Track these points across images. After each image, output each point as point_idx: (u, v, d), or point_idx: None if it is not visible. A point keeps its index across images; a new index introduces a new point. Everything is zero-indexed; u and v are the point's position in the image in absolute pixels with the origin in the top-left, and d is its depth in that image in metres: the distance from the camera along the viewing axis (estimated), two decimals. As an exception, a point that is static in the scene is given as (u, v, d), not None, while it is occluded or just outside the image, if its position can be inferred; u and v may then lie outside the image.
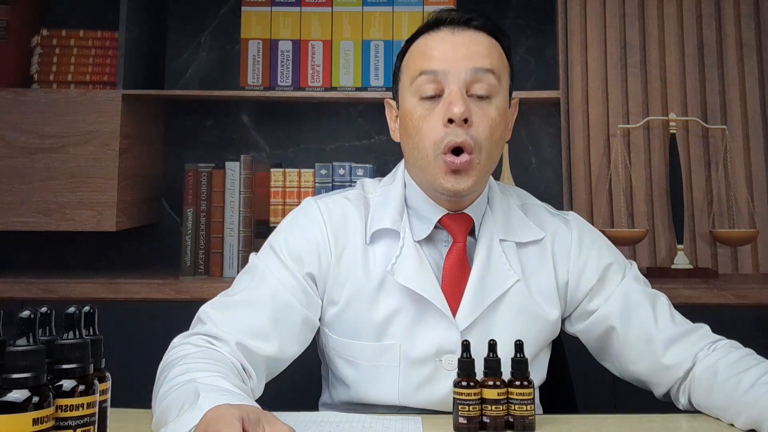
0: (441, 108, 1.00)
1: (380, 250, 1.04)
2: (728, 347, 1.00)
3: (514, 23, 2.17)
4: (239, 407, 0.74)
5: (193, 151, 2.14)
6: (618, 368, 1.08)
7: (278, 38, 2.01)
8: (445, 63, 1.00)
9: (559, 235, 1.09)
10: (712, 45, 2.01)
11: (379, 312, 1.02)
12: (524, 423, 0.87)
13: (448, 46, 1.01)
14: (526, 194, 1.17)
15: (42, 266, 2.03)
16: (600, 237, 1.13)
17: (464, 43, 1.02)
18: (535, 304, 1.05)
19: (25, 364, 0.61)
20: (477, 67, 1.00)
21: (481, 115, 1.00)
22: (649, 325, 1.03)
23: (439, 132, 0.99)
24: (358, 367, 1.04)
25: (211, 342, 0.94)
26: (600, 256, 1.09)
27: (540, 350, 1.08)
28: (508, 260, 1.05)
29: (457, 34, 1.02)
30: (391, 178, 1.13)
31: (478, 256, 1.04)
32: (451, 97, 0.99)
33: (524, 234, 1.08)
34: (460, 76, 0.99)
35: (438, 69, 1.00)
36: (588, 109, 2.00)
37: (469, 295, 1.01)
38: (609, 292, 1.06)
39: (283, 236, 1.06)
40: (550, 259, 1.08)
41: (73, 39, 1.97)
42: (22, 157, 1.83)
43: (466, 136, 0.98)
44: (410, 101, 1.03)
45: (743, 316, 1.65)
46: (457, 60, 1.00)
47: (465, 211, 1.06)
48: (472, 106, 0.99)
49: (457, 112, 0.97)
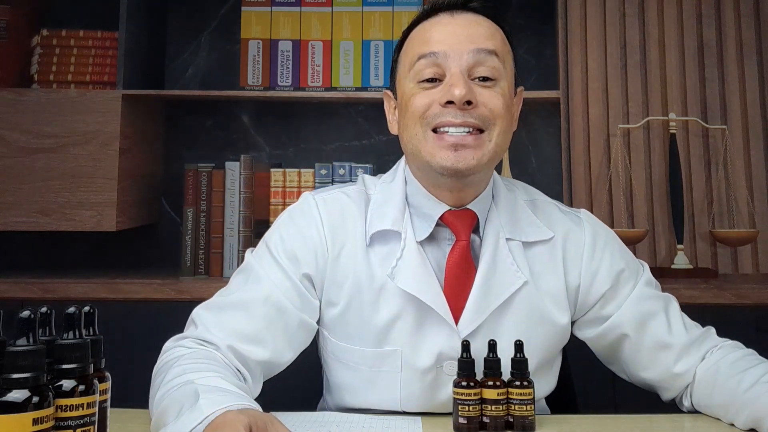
0: (440, 89, 0.94)
1: (380, 251, 1.00)
2: (730, 348, 1.00)
3: (514, 23, 2.17)
4: (247, 413, 0.73)
5: (193, 151, 2.14)
6: (627, 374, 1.05)
7: (278, 38, 2.01)
8: (444, 45, 0.94)
9: (570, 235, 1.04)
10: (712, 45, 2.00)
11: (381, 316, 0.98)
12: (524, 423, 0.87)
13: (448, 28, 0.96)
14: (534, 190, 1.11)
15: (42, 266, 2.03)
16: (613, 238, 1.08)
17: (464, 24, 0.96)
18: (543, 308, 0.99)
19: (25, 364, 0.61)
20: (479, 48, 0.94)
21: (488, 94, 0.94)
22: (663, 333, 1.00)
23: (433, 109, 0.94)
24: (357, 371, 1.00)
25: (203, 345, 0.93)
26: (613, 259, 1.03)
27: (552, 357, 1.04)
28: (515, 261, 0.99)
29: (456, 17, 0.98)
30: (391, 175, 1.07)
31: (483, 257, 0.98)
32: (452, 79, 0.93)
33: (532, 233, 1.02)
34: (462, 58, 0.94)
35: (437, 51, 0.94)
36: (588, 109, 1.99)
37: (473, 301, 0.97)
38: (622, 298, 1.02)
39: (278, 234, 1.02)
40: (560, 261, 1.02)
41: (73, 39, 1.97)
42: (22, 157, 1.83)
43: (469, 117, 0.92)
44: (408, 86, 0.97)
45: (743, 316, 1.65)
46: (458, 42, 0.94)
47: (468, 207, 1.00)
48: (477, 87, 0.94)
49: (457, 93, 0.91)
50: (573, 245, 1.03)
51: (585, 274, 1.02)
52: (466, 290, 0.97)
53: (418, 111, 0.95)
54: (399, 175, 1.05)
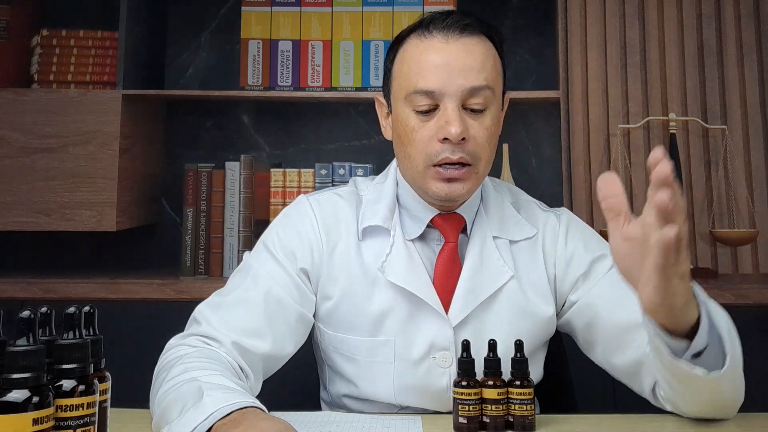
0: (436, 124, 0.99)
1: (372, 246, 1.05)
2: None
3: (514, 23, 2.17)
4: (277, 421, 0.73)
5: (193, 151, 2.14)
6: (606, 360, 1.03)
7: (278, 38, 2.01)
8: (440, 81, 0.98)
9: (548, 229, 1.09)
10: (712, 45, 2.00)
11: (374, 307, 1.02)
12: (524, 423, 0.87)
13: (442, 60, 0.99)
14: (518, 190, 1.17)
15: (42, 266, 2.03)
16: (589, 231, 1.12)
17: (459, 56, 0.99)
18: (529, 301, 1.04)
19: (25, 364, 0.61)
20: (473, 87, 0.98)
21: (477, 127, 1.00)
22: (636, 312, 0.95)
23: (433, 146, 0.99)
24: (356, 362, 1.04)
25: (207, 342, 0.94)
26: (587, 248, 1.07)
27: (538, 348, 1.07)
28: (501, 257, 1.04)
29: (450, 43, 1.00)
30: (383, 176, 1.13)
31: (469, 254, 1.04)
32: (447, 116, 0.98)
33: (518, 232, 1.08)
34: (456, 95, 0.98)
35: (434, 89, 0.98)
36: (588, 109, 1.99)
37: (461, 292, 1.01)
38: (594, 281, 1.04)
39: (275, 233, 1.07)
40: (541, 255, 1.07)
41: (73, 39, 1.97)
42: (22, 157, 1.83)
43: (462, 153, 0.98)
44: (404, 111, 1.02)
45: (743, 316, 1.63)
46: (453, 77, 0.98)
47: (457, 211, 1.06)
48: (467, 119, 0.99)
49: (453, 132, 0.96)
50: (550, 237, 1.09)
51: (559, 261, 1.07)
52: (455, 284, 1.02)
53: (422, 148, 1.00)
54: (390, 177, 1.11)
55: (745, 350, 0.94)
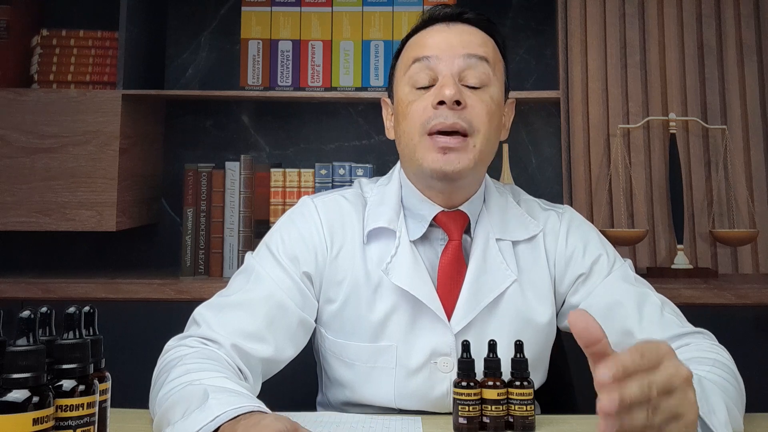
0: (432, 92, 0.99)
1: (376, 249, 1.04)
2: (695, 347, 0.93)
3: (514, 23, 2.17)
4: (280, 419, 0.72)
5: (193, 151, 2.14)
6: None
7: (278, 38, 2.01)
8: (437, 50, 1.01)
9: (549, 227, 1.08)
10: (712, 45, 2.01)
11: (376, 312, 1.01)
12: (524, 423, 0.87)
13: (442, 36, 1.02)
14: (519, 190, 1.16)
15: (42, 266, 2.03)
16: (591, 229, 1.11)
17: (458, 33, 1.03)
18: (529, 307, 1.03)
19: (25, 364, 0.61)
20: (470, 53, 1.00)
21: (475, 99, 0.99)
22: (632, 324, 0.97)
23: (427, 113, 0.98)
24: (354, 368, 1.03)
25: (206, 344, 0.94)
26: (587, 248, 1.06)
27: (541, 353, 1.06)
28: (504, 259, 1.03)
29: (451, 26, 1.04)
30: (387, 178, 1.13)
31: (474, 256, 1.02)
32: (443, 81, 0.99)
33: (521, 231, 1.06)
34: (453, 62, 1.00)
35: (430, 55, 1.00)
36: (588, 109, 1.99)
37: (465, 297, 1.00)
38: (592, 286, 1.03)
39: (279, 235, 1.06)
40: (543, 254, 1.06)
41: (73, 39, 1.97)
42: (22, 157, 1.83)
43: (457, 118, 0.97)
44: (404, 90, 1.03)
45: (743, 316, 1.65)
46: (451, 47, 1.01)
47: (460, 208, 1.05)
48: (466, 91, 0.99)
49: (448, 93, 0.96)
50: (551, 236, 1.08)
51: (559, 260, 1.06)
52: (458, 288, 1.01)
53: (417, 118, 1.00)
54: (395, 179, 1.10)
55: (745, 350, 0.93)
